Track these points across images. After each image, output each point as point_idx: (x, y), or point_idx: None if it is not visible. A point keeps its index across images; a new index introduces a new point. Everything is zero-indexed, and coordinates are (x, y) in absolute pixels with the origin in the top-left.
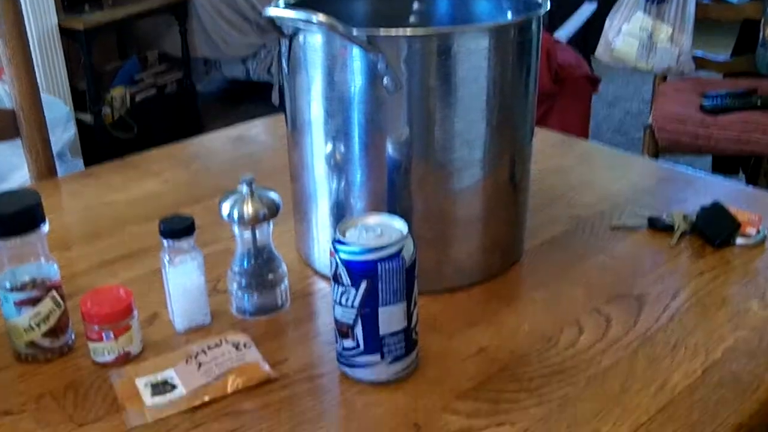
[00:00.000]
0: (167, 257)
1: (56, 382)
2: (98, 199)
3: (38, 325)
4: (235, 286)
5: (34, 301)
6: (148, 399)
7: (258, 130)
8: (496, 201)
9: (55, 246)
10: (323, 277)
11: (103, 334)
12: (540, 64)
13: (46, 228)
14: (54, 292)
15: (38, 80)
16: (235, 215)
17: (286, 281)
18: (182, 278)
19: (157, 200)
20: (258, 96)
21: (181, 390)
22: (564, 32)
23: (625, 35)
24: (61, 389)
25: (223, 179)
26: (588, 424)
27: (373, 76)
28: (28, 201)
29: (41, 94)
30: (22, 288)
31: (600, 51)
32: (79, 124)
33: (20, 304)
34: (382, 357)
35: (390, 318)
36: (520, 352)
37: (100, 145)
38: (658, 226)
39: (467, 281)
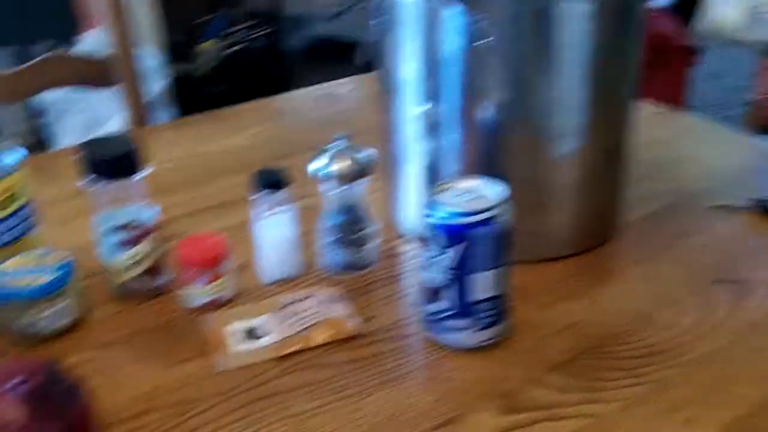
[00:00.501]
0: (261, 209)
1: (150, 322)
2: (190, 149)
3: (136, 265)
4: (325, 241)
5: (133, 242)
6: (237, 345)
7: (346, 88)
8: (595, 171)
9: (149, 191)
10: (410, 239)
11: (198, 279)
12: None
13: (147, 172)
14: (152, 235)
15: (132, 31)
16: (331, 171)
17: (375, 240)
18: (274, 230)
19: (247, 154)
20: (345, 55)
21: (269, 339)
22: None
23: (728, 5)
24: (154, 329)
25: (311, 136)
26: (685, 410)
27: (471, 37)
28: (129, 146)
29: (135, 45)
30: (122, 229)
31: (700, 21)
32: (172, 75)
33: (120, 245)
34: (471, 323)
35: (481, 284)
36: (615, 329)
37: (191, 97)
38: (764, 208)
39: (562, 252)
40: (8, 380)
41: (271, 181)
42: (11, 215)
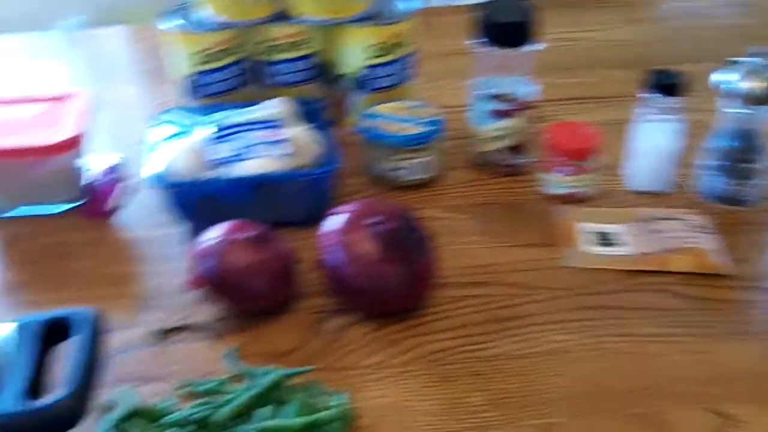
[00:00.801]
0: (646, 111)
1: (502, 198)
2: (572, 34)
3: (501, 139)
4: (707, 164)
5: (504, 115)
6: (588, 246)
7: None
8: None
9: (533, 67)
10: None
11: (560, 168)
12: None
13: (538, 46)
14: (526, 112)
15: None
16: (739, 88)
17: (764, 177)
18: (656, 137)
19: (634, 49)
20: None
21: (623, 249)
22: None
23: None
24: (505, 206)
25: (714, 44)
26: None
27: None
28: (527, 15)
29: None
30: (497, 99)
31: None
32: None
33: (493, 114)
34: None
35: None
36: None
37: None
38: None
39: None
40: (369, 217)
41: (666, 84)
42: (394, 61)
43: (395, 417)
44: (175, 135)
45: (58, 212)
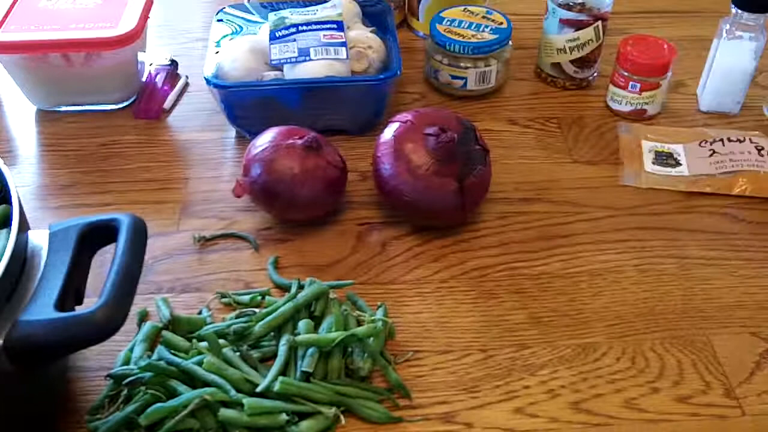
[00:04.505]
0: (728, 27)
1: (566, 112)
2: None
3: (572, 50)
4: None
5: (578, 25)
6: (648, 164)
7: None
8: None
9: None
10: None
11: (630, 83)
12: None
13: None
14: (599, 23)
15: None
16: None
17: None
18: (732, 56)
19: None
20: None
21: (684, 169)
22: None
23: None
24: (569, 120)
25: None
26: None
27: None
28: None
29: None
30: (572, 7)
31: None
32: None
33: (564, 23)
34: None
35: None
36: None
37: None
38: None
39: None
40: (426, 127)
41: (755, 1)
42: None
43: (433, 333)
44: (233, 33)
45: (111, 110)
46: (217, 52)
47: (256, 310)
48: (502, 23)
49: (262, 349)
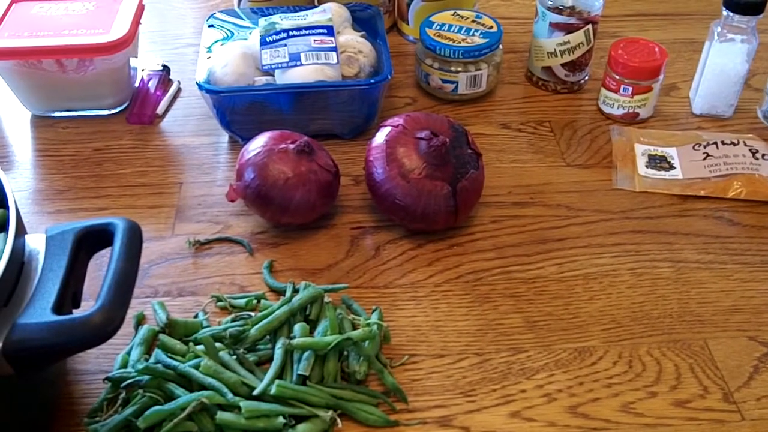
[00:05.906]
0: (719, 30)
1: (558, 115)
2: None
3: (563, 54)
4: None
5: (568, 28)
6: (642, 168)
7: None
8: None
9: None
10: None
11: (622, 87)
12: None
13: None
14: (589, 27)
15: None
16: None
17: None
18: (723, 58)
19: None
20: None
21: (678, 173)
22: None
23: None
24: (561, 123)
25: None
26: None
27: None
28: None
29: None
30: (562, 11)
31: None
32: None
33: (554, 27)
34: None
35: None
36: None
37: None
38: None
39: None
40: (417, 131)
41: (741, 3)
42: None
43: (429, 337)
44: (224, 39)
45: (105, 115)
46: (209, 58)
47: (252, 313)
48: (492, 27)
49: (258, 352)
